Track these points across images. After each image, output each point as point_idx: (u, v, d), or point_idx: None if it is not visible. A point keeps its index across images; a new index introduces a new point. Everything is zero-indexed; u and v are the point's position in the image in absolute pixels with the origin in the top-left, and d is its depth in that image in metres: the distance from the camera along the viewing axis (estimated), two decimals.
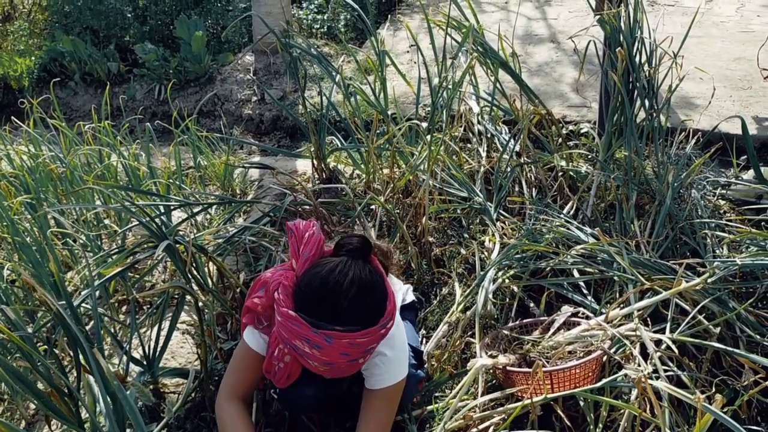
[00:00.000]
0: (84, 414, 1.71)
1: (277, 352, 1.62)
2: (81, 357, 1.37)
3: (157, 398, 2.23)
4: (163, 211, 2.72)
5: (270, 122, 4.86)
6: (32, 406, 2.40)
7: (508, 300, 2.31)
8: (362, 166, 3.31)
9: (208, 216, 3.41)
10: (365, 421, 1.67)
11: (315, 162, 3.34)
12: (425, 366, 2.00)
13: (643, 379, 1.56)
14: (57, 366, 1.68)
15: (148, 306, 2.83)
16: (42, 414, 2.37)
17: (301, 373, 1.67)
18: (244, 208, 3.50)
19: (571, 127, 3.40)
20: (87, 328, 2.03)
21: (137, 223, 2.67)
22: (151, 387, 2.24)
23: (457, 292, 2.34)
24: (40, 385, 1.82)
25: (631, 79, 2.67)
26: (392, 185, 2.88)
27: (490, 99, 3.16)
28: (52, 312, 1.26)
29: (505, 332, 2.08)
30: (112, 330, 2.47)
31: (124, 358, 2.18)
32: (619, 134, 2.76)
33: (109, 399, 1.27)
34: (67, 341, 1.44)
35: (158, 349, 2.26)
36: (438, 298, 2.57)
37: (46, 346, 2.31)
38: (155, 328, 2.34)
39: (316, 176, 3.37)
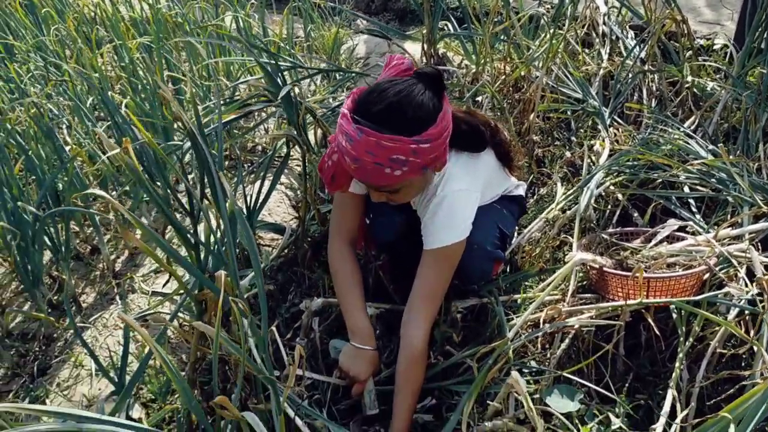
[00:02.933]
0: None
1: (329, 149, 1.69)
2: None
3: None
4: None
5: (381, 2, 4.75)
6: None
7: (610, 207, 2.25)
8: (473, 56, 3.22)
9: (312, 86, 3.43)
10: (418, 280, 1.72)
11: (425, 46, 3.27)
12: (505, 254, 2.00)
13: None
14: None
15: (249, 164, 2.91)
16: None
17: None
18: (348, 83, 3.49)
19: (701, 42, 3.18)
20: None
21: (247, 79, 2.71)
22: None
23: (559, 191, 2.29)
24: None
25: None
26: (503, 78, 2.80)
27: None
28: (186, 131, 1.30)
29: (604, 236, 2.04)
30: None
31: None
32: (758, 52, 2.57)
33: (228, 223, 1.32)
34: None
35: (258, 202, 2.33)
36: (535, 197, 2.53)
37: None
38: (257, 184, 2.40)
39: (425, 61, 3.31)
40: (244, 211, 2.31)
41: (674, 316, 1.83)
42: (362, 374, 1.73)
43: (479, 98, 2.92)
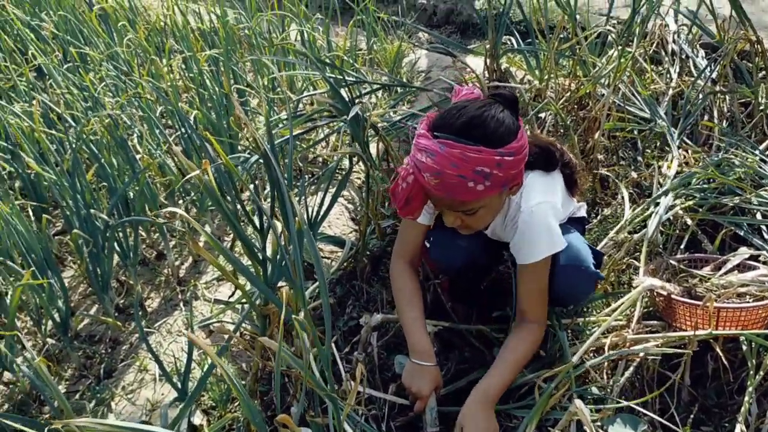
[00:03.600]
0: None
1: (404, 172, 1.65)
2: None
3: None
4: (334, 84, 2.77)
5: (443, 15, 4.75)
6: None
7: (678, 231, 2.20)
8: (536, 72, 3.19)
9: (373, 99, 3.45)
10: (522, 297, 1.75)
11: (488, 60, 3.24)
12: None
13: None
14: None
15: (310, 176, 2.94)
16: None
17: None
18: (408, 97, 3.50)
19: None
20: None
21: (312, 93, 2.75)
22: None
23: (626, 212, 2.25)
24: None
25: None
26: (568, 94, 2.76)
27: (692, 17, 2.91)
28: (259, 150, 1.32)
29: (672, 262, 1.99)
30: None
31: None
32: None
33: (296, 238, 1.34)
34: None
35: (320, 215, 2.36)
36: (598, 218, 2.49)
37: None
38: (319, 195, 2.43)
39: (487, 75, 3.29)
40: (306, 222, 2.35)
41: (744, 347, 1.77)
42: (424, 390, 1.72)
43: (542, 115, 2.89)
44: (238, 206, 1.72)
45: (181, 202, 2.59)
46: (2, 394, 2.01)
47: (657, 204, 2.15)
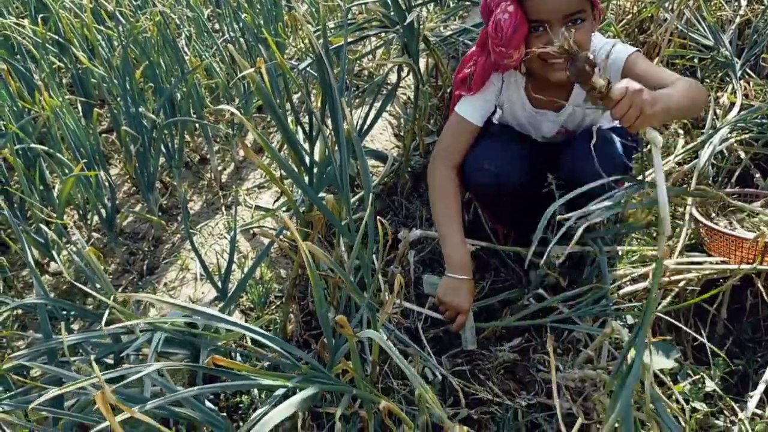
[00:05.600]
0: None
1: (499, 9, 1.60)
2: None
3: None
4: None
5: None
6: (242, 152, 2.62)
7: (729, 165, 2.13)
8: None
9: (424, 13, 3.34)
10: (650, 79, 1.53)
11: None
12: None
13: None
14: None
15: (355, 89, 2.90)
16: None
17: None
18: (461, 12, 3.39)
19: None
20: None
21: (366, 0, 2.68)
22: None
23: (679, 143, 2.18)
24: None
25: None
26: (629, 17, 2.65)
27: None
28: (314, 53, 1.30)
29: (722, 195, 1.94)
30: None
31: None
32: None
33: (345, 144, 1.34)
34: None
35: (363, 128, 2.33)
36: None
37: None
38: (363, 108, 2.40)
39: None
40: (355, 130, 2.33)
41: None
42: (464, 305, 1.73)
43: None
44: (293, 114, 1.70)
45: (226, 106, 2.58)
46: (48, 283, 2.08)
47: (712, 135, 2.07)
